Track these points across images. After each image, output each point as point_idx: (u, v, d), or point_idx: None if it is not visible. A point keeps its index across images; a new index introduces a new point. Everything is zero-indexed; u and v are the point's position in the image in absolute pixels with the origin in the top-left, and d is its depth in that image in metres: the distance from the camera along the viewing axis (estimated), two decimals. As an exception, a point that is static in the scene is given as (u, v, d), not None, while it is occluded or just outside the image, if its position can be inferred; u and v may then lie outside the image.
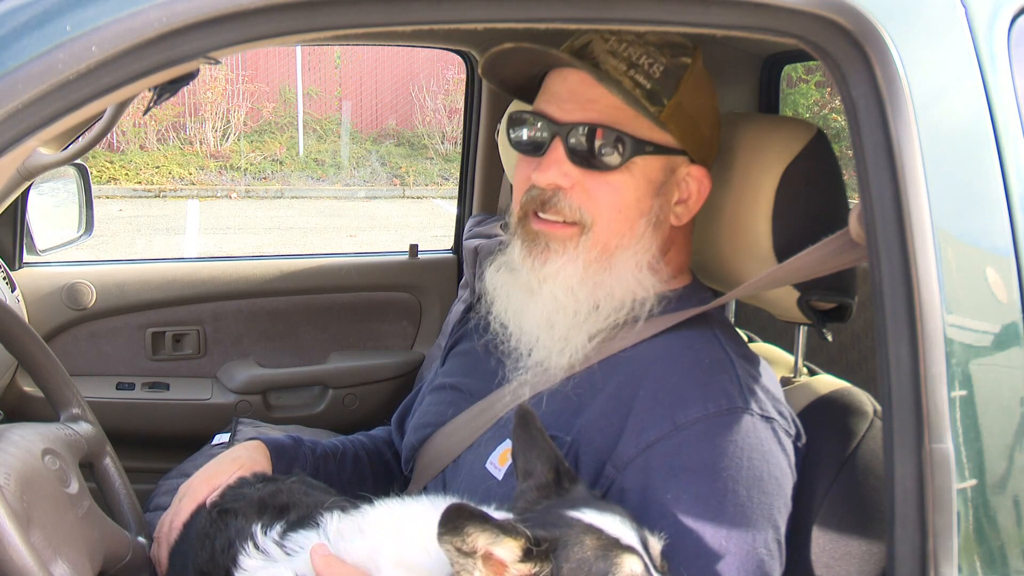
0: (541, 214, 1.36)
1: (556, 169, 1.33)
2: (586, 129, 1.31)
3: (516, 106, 1.54)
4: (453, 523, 0.94)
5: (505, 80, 1.48)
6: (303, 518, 1.26)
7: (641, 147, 1.33)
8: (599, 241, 1.34)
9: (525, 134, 1.39)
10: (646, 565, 1.02)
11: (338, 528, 1.19)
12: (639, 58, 1.33)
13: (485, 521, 0.95)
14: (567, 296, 1.34)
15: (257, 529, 1.25)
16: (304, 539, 1.21)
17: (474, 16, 1.01)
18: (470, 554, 0.96)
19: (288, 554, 1.20)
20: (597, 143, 1.31)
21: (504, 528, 0.96)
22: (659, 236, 1.38)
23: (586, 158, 1.32)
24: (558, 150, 1.33)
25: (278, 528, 1.25)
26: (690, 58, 1.36)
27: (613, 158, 1.32)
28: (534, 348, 1.37)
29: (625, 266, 1.35)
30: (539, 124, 1.36)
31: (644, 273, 1.36)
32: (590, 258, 1.34)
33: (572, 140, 1.32)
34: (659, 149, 1.34)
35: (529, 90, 1.45)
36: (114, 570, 1.34)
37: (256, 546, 1.23)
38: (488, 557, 0.97)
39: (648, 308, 1.36)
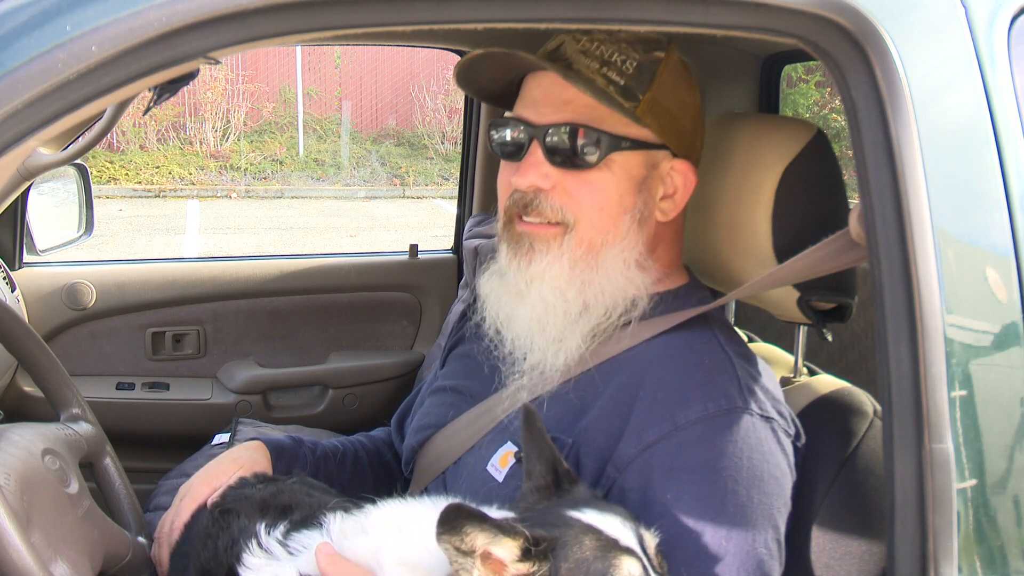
0: (524, 217, 1.37)
1: (535, 171, 1.33)
2: (561, 129, 1.32)
3: (496, 114, 1.55)
4: (452, 523, 0.94)
5: (483, 88, 1.49)
6: (306, 518, 1.26)
7: (617, 143, 1.33)
8: (583, 239, 1.34)
9: (505, 139, 1.40)
10: (644, 567, 1.02)
11: (341, 528, 1.19)
12: (611, 55, 1.33)
13: (483, 520, 0.95)
14: (555, 296, 1.34)
15: (261, 528, 1.25)
16: (307, 539, 1.21)
17: (474, 16, 1.01)
18: (469, 553, 0.96)
19: (291, 553, 1.21)
20: (573, 142, 1.32)
21: (502, 527, 0.96)
22: (645, 233, 1.38)
23: (564, 157, 1.33)
24: (536, 152, 1.34)
25: (281, 528, 1.25)
26: (664, 52, 1.36)
27: (590, 156, 1.32)
28: (528, 352, 1.37)
29: (612, 264, 1.35)
30: (517, 128, 1.37)
31: (633, 271, 1.36)
32: (575, 256, 1.34)
33: (549, 141, 1.33)
34: (637, 144, 1.35)
35: (508, 97, 1.46)
36: (114, 570, 1.34)
37: (260, 545, 1.23)
38: (487, 556, 0.97)
39: (642, 308, 1.36)
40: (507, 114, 1.45)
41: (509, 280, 1.39)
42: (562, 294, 1.34)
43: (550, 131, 1.33)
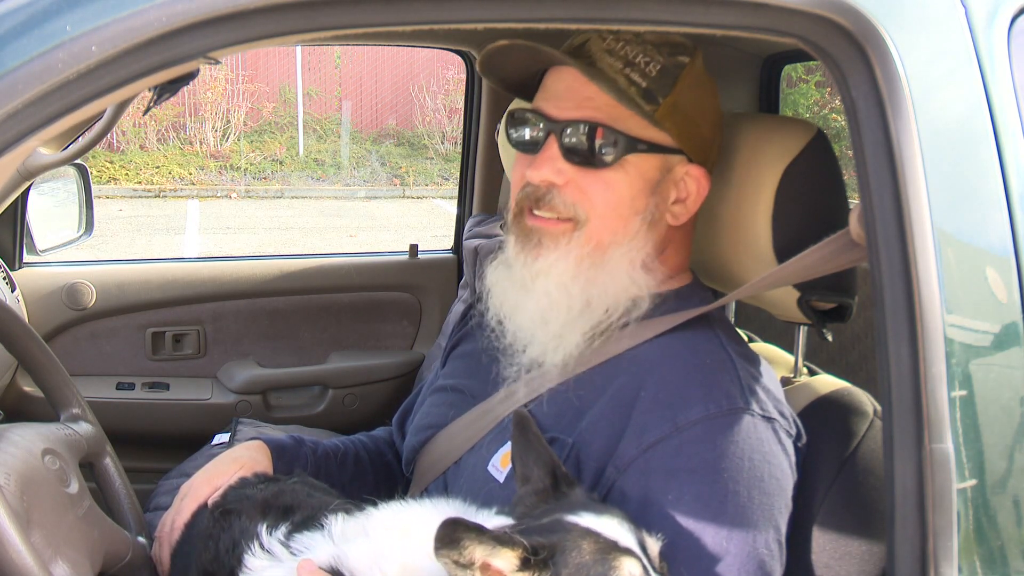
0: (536, 211, 1.37)
1: (550, 166, 1.33)
2: (580, 127, 1.32)
3: (516, 105, 1.55)
4: (449, 537, 0.94)
5: (505, 78, 1.49)
6: (308, 519, 1.26)
7: (634, 145, 1.33)
8: (592, 237, 1.34)
9: (522, 132, 1.40)
10: (644, 567, 1.02)
11: (343, 529, 1.19)
12: (636, 57, 1.33)
13: (481, 533, 0.95)
14: (560, 292, 1.34)
15: (262, 529, 1.25)
16: (309, 540, 1.21)
17: (474, 16, 1.01)
18: (468, 566, 0.96)
19: (293, 554, 1.20)
20: (590, 140, 1.32)
21: (500, 539, 0.96)
22: (655, 235, 1.38)
23: (580, 155, 1.33)
24: (552, 147, 1.34)
25: (283, 529, 1.25)
26: (689, 57, 1.36)
27: (606, 155, 1.32)
28: (528, 345, 1.38)
29: (618, 264, 1.35)
30: (536, 121, 1.37)
31: (638, 272, 1.36)
32: (582, 254, 1.34)
33: (566, 137, 1.33)
34: (653, 147, 1.35)
35: (529, 88, 1.46)
36: (114, 570, 1.34)
37: (261, 546, 1.23)
38: (486, 568, 0.97)
39: (644, 308, 1.36)
40: (517, 105, 1.44)
41: (515, 272, 1.39)
42: (566, 290, 1.34)
43: (568, 127, 1.33)
